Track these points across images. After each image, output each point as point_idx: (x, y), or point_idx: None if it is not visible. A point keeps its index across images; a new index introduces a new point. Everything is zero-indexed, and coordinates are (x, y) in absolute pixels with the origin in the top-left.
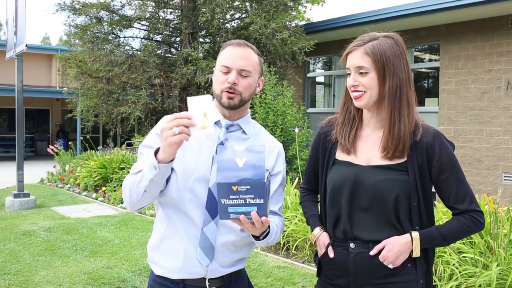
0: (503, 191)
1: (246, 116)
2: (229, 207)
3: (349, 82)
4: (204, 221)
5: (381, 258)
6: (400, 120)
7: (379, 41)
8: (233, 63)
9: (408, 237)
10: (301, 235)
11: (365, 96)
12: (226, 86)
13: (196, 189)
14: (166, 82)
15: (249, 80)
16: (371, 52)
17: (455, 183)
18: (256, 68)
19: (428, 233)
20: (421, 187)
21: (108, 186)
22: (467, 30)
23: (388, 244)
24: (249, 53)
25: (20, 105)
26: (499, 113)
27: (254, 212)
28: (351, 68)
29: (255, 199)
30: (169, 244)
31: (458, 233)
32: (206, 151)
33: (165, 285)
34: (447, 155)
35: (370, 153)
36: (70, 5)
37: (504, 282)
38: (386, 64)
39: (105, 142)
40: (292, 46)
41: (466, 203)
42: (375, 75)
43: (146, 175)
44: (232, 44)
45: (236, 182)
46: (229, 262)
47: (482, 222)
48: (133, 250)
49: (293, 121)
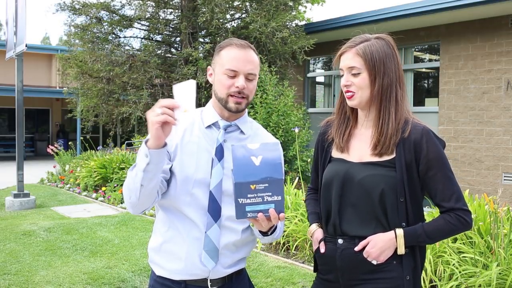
0: (503, 191)
1: (243, 116)
2: (247, 206)
3: (342, 82)
4: (207, 225)
5: (365, 254)
6: (388, 118)
7: (370, 42)
8: (240, 67)
9: (392, 234)
10: (301, 235)
11: (356, 96)
12: (234, 90)
13: (196, 192)
14: (166, 82)
15: (254, 83)
16: (362, 53)
17: (442, 180)
18: (258, 70)
19: (413, 230)
20: (408, 184)
21: (108, 186)
22: (467, 30)
23: (372, 240)
24: (253, 55)
25: (20, 105)
26: (499, 113)
27: (273, 210)
28: (343, 69)
29: (273, 196)
30: (171, 246)
31: (443, 231)
32: (205, 154)
33: (166, 285)
34: (435, 152)
35: (363, 151)
36: (70, 5)
37: (504, 282)
38: (377, 64)
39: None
40: (292, 45)
41: (452, 201)
42: (366, 76)
43: (139, 166)
44: (234, 45)
45: (255, 180)
46: (230, 262)
47: (468, 221)
48: (133, 250)
49: (295, 121)
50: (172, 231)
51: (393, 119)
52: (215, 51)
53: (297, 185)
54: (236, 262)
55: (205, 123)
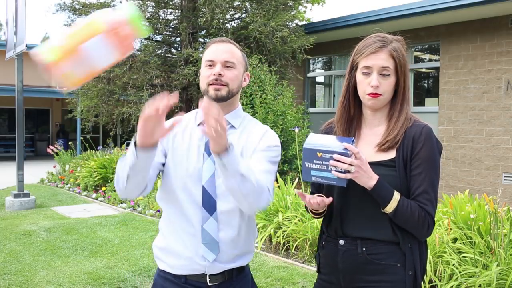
0: (503, 191)
1: (235, 110)
2: (312, 170)
3: (371, 81)
4: (203, 219)
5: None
6: (398, 119)
7: (397, 44)
8: (216, 56)
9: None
10: (301, 235)
11: (382, 98)
12: (212, 78)
13: (189, 187)
14: (166, 83)
15: (235, 72)
16: (396, 56)
17: (425, 183)
18: (240, 61)
19: (390, 191)
20: (405, 181)
21: (108, 186)
22: (467, 30)
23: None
24: (232, 48)
25: (20, 105)
26: (499, 113)
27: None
28: (374, 68)
29: (337, 168)
30: (169, 242)
31: (410, 217)
32: (196, 150)
33: (168, 279)
34: (428, 152)
35: (366, 151)
36: (70, 5)
37: (504, 282)
38: (403, 68)
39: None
40: (292, 44)
41: (426, 205)
42: (394, 78)
43: (128, 160)
44: (214, 41)
45: (321, 149)
46: (228, 257)
47: (429, 228)
48: (133, 250)
49: (293, 121)
50: (170, 227)
51: (403, 119)
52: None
53: (297, 185)
54: (235, 258)
55: (197, 121)
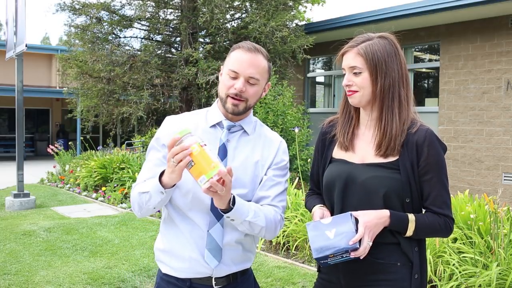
0: (503, 191)
1: (248, 116)
2: (329, 262)
3: (343, 81)
4: (210, 223)
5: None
6: (392, 119)
7: (372, 41)
8: (242, 69)
9: (386, 212)
10: (301, 235)
11: (357, 95)
12: (232, 92)
13: (198, 192)
14: (166, 82)
15: (256, 88)
16: (363, 53)
17: (437, 186)
18: (264, 75)
19: (404, 216)
20: (414, 184)
21: (108, 186)
22: (467, 30)
23: (366, 228)
24: (259, 60)
25: (20, 105)
26: (499, 113)
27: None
28: (345, 68)
29: (349, 253)
30: (174, 246)
31: (430, 229)
32: None
33: (172, 283)
34: (435, 156)
35: (365, 152)
36: (70, 5)
37: (504, 282)
38: (378, 64)
39: (105, 142)
40: (291, 44)
41: (443, 208)
42: (367, 75)
43: (153, 197)
44: (242, 47)
45: (332, 253)
46: (233, 260)
47: (452, 229)
48: (133, 250)
49: (293, 121)
50: (175, 231)
51: (397, 120)
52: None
53: (297, 185)
54: (240, 261)
55: (209, 122)
